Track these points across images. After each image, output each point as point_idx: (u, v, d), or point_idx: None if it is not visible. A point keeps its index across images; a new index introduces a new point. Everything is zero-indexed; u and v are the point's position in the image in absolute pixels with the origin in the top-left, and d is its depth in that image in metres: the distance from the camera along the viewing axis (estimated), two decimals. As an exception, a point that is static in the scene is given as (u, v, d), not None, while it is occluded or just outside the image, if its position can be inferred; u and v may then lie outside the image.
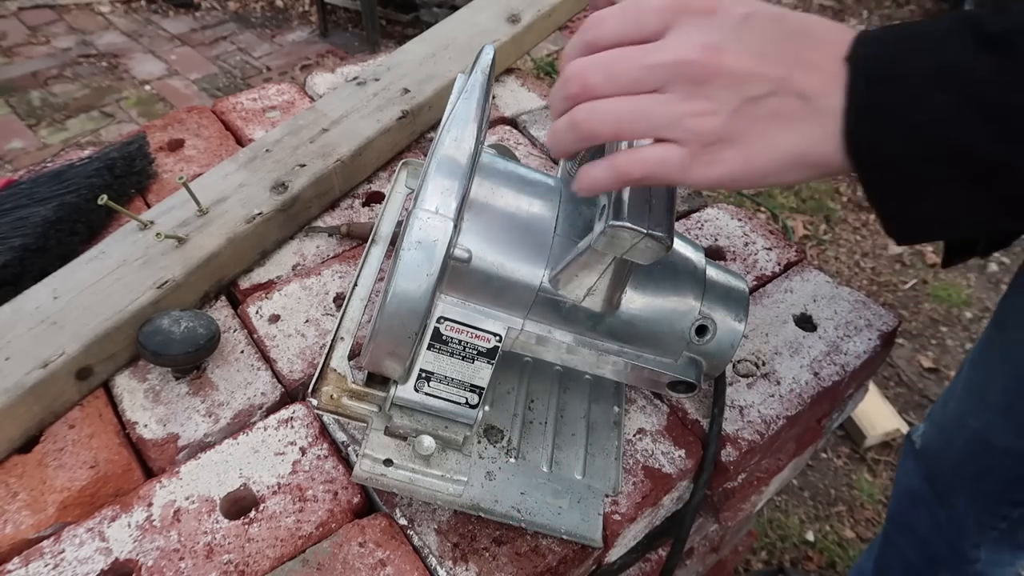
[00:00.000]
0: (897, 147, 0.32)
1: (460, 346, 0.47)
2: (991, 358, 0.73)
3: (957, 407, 0.79)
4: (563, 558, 0.51)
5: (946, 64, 0.30)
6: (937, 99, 0.30)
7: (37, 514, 0.51)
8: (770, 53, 0.34)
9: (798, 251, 0.77)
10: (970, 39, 0.30)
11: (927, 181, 0.32)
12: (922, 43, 0.31)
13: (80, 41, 2.84)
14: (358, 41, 2.94)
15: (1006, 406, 0.70)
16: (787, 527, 1.44)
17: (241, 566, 0.49)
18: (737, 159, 0.35)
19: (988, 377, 0.74)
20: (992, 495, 0.76)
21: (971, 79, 0.30)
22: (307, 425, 0.57)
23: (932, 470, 0.84)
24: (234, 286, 0.69)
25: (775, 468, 0.68)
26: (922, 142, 0.31)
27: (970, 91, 0.30)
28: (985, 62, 0.30)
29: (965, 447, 0.78)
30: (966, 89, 0.30)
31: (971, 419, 0.76)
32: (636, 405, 0.61)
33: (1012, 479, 0.73)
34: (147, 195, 0.77)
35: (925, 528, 0.88)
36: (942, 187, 0.32)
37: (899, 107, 0.31)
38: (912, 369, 1.73)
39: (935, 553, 0.89)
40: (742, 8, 0.35)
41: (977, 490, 0.78)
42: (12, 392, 0.53)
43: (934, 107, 0.30)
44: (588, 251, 0.43)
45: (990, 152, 0.30)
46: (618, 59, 0.35)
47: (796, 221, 2.07)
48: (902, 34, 0.32)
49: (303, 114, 0.80)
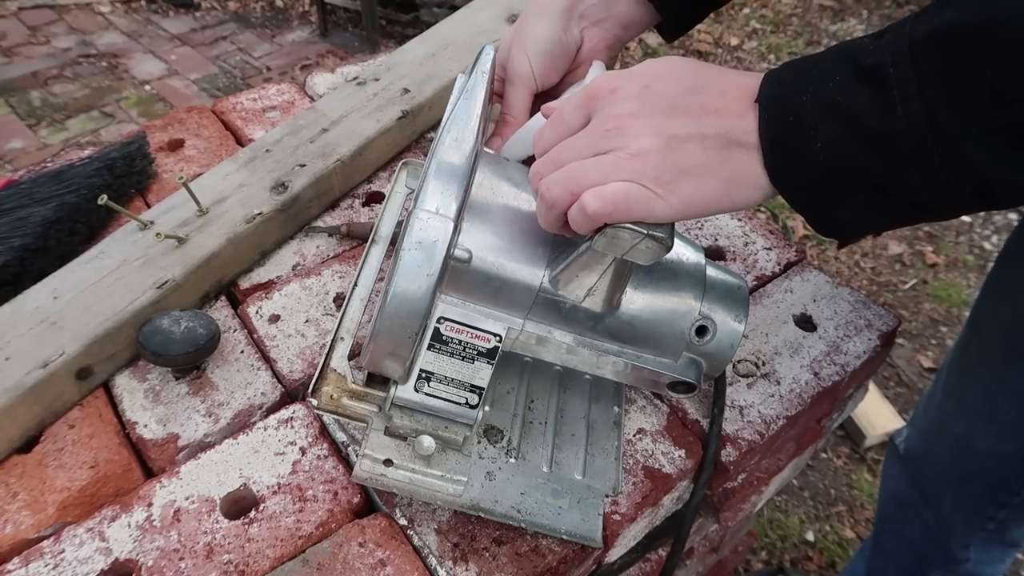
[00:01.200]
0: (804, 173, 0.37)
1: (460, 346, 0.47)
2: (968, 362, 0.74)
3: (938, 412, 0.79)
4: (563, 558, 0.51)
5: (830, 99, 0.35)
6: (827, 130, 0.35)
7: (37, 514, 0.51)
8: (677, 108, 0.39)
9: (798, 251, 0.77)
10: (850, 73, 0.35)
11: (837, 196, 0.37)
12: (811, 81, 0.36)
13: (80, 41, 2.84)
14: (358, 41, 2.94)
15: (986, 409, 0.71)
16: (787, 527, 1.44)
17: (241, 566, 0.49)
18: (691, 187, 0.39)
19: (966, 381, 0.74)
20: (978, 497, 0.77)
21: (853, 110, 0.34)
22: (307, 425, 0.57)
23: (917, 474, 0.85)
24: (234, 286, 0.69)
25: (775, 468, 0.68)
26: (823, 166, 0.36)
27: (854, 121, 0.34)
28: (864, 94, 0.34)
29: (948, 452, 0.78)
30: (850, 119, 0.34)
31: (953, 423, 0.76)
32: (636, 405, 0.61)
33: (996, 481, 0.74)
34: (147, 195, 0.77)
35: (913, 530, 0.89)
36: (850, 199, 0.37)
37: (799, 140, 0.36)
38: (912, 369, 1.73)
39: (925, 554, 0.89)
40: (639, 82, 0.40)
41: (963, 493, 0.78)
42: (12, 392, 0.53)
43: (827, 137, 0.35)
44: (588, 251, 0.43)
45: (880, 170, 0.35)
46: (558, 150, 0.41)
47: (796, 221, 2.07)
48: (796, 73, 0.37)
49: (303, 114, 0.80)
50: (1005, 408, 0.68)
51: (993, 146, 0.32)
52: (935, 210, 0.36)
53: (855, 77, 0.35)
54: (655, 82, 0.40)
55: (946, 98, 0.32)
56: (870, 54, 0.34)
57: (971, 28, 0.31)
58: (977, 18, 0.31)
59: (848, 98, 0.34)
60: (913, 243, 2.06)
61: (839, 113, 0.35)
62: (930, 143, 0.33)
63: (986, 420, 0.71)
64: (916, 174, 0.34)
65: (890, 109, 0.33)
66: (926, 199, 0.35)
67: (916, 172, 0.34)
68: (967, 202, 0.35)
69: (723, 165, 0.38)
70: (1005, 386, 0.68)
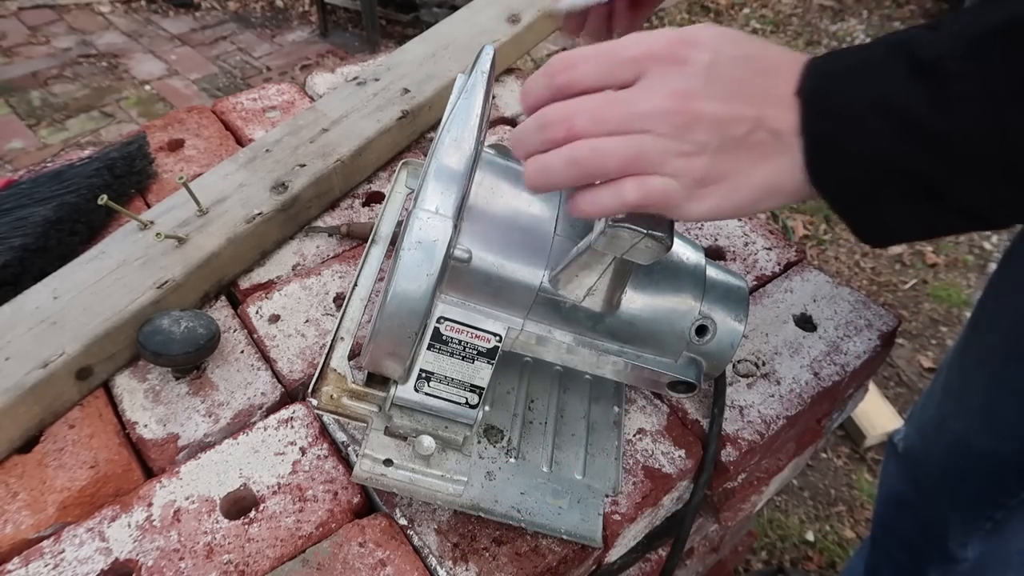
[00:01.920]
0: (849, 172, 0.34)
1: (460, 346, 0.47)
2: (968, 361, 0.73)
3: (937, 410, 0.79)
4: (563, 558, 0.51)
5: (882, 95, 0.32)
6: (877, 128, 0.32)
7: (37, 514, 0.51)
8: (741, 94, 0.35)
9: (798, 251, 0.77)
10: (903, 67, 0.32)
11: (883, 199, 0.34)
12: (860, 74, 0.33)
13: (80, 41, 2.84)
14: (358, 41, 2.94)
15: (985, 409, 0.70)
16: (787, 527, 1.44)
17: (241, 566, 0.49)
18: (721, 193, 0.37)
19: (966, 380, 0.73)
20: (976, 497, 0.76)
21: (906, 108, 0.31)
22: (307, 425, 0.57)
23: (915, 473, 0.84)
24: (234, 286, 0.69)
25: (775, 468, 0.68)
26: (870, 167, 0.33)
27: (907, 120, 0.31)
28: (919, 91, 0.31)
29: (946, 450, 0.77)
30: (903, 118, 0.31)
31: (951, 422, 0.76)
32: (636, 405, 0.61)
33: (994, 481, 0.73)
34: (147, 195, 0.77)
35: (911, 529, 0.88)
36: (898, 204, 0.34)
37: (845, 138, 0.33)
38: (912, 369, 1.73)
39: (923, 553, 0.89)
40: (706, 55, 0.36)
41: (960, 492, 0.78)
42: (12, 392, 0.53)
43: (876, 136, 0.32)
44: (588, 251, 0.43)
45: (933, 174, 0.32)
46: (603, 105, 0.36)
47: (796, 221, 2.07)
48: (841, 64, 0.34)
49: (303, 114, 0.80)
50: (1005, 409, 0.68)
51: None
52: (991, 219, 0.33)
53: (909, 72, 0.32)
54: (723, 57, 0.36)
55: (1015, 97, 0.29)
56: (928, 47, 0.32)
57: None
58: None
59: (902, 94, 0.31)
60: (913, 243, 2.06)
61: (891, 110, 0.32)
62: (995, 146, 0.30)
63: (985, 420, 0.71)
64: (976, 180, 0.31)
65: (950, 108, 0.30)
66: (984, 208, 0.33)
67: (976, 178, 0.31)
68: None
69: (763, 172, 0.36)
70: (1006, 387, 0.68)
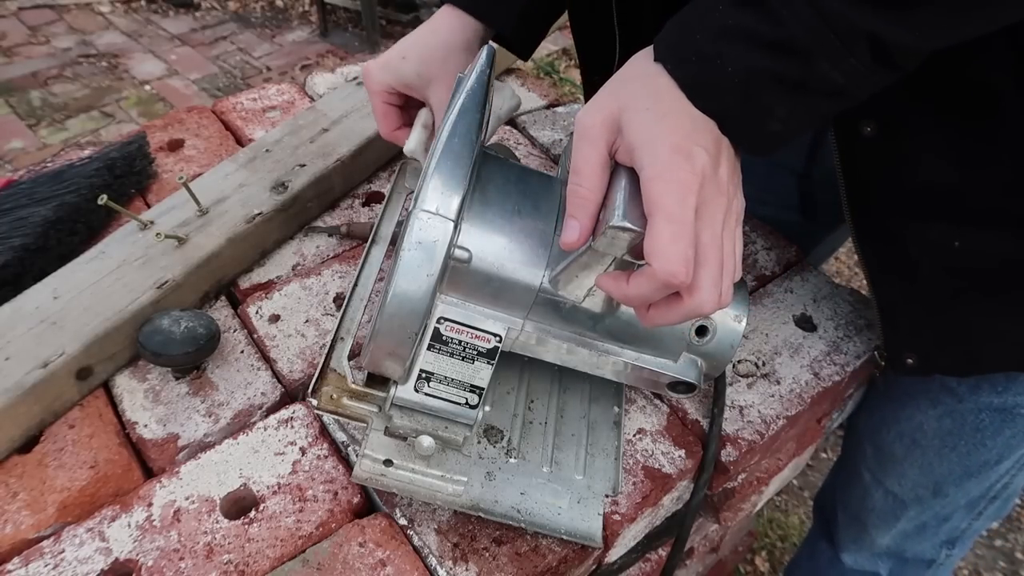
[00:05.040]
0: (727, 97, 0.39)
1: (460, 346, 0.47)
2: None
3: None
4: (563, 558, 0.51)
5: (721, 26, 0.38)
6: (730, 52, 0.38)
7: (37, 514, 0.51)
8: (720, 199, 0.41)
9: (798, 251, 0.77)
10: (727, 2, 0.38)
11: (764, 108, 0.39)
12: (694, 22, 0.39)
13: (80, 41, 2.84)
14: (358, 41, 2.94)
15: None
16: (787, 527, 1.44)
17: (241, 566, 0.49)
18: None
19: None
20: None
21: (745, 29, 0.37)
22: (307, 425, 0.57)
23: None
24: (234, 286, 0.69)
25: (775, 468, 0.68)
26: (742, 84, 0.38)
27: (751, 37, 0.37)
28: (748, 14, 0.37)
29: None
30: (747, 37, 0.37)
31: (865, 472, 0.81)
32: (636, 405, 0.61)
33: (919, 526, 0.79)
34: (147, 195, 0.77)
35: None
36: (776, 107, 0.39)
37: (710, 71, 0.38)
38: (912, 369, 1.73)
39: None
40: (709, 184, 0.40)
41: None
42: (12, 392, 0.53)
43: (732, 58, 0.38)
44: (588, 251, 0.43)
45: (792, 70, 0.37)
46: (709, 246, 0.41)
47: (796, 221, 2.07)
48: (678, 23, 0.40)
49: (303, 114, 0.80)
50: None
51: (878, 6, 0.35)
52: (849, 92, 0.38)
53: (732, 3, 0.38)
54: (708, 182, 0.39)
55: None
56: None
57: None
58: None
59: (736, 21, 0.37)
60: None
61: (734, 35, 0.38)
62: (824, 28, 0.36)
63: None
64: (824, 61, 0.37)
65: (777, 18, 0.36)
66: (840, 81, 0.38)
67: (823, 59, 0.37)
68: (872, 72, 0.37)
69: None
70: None
